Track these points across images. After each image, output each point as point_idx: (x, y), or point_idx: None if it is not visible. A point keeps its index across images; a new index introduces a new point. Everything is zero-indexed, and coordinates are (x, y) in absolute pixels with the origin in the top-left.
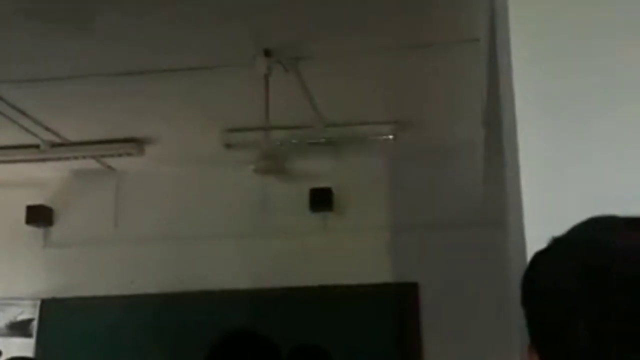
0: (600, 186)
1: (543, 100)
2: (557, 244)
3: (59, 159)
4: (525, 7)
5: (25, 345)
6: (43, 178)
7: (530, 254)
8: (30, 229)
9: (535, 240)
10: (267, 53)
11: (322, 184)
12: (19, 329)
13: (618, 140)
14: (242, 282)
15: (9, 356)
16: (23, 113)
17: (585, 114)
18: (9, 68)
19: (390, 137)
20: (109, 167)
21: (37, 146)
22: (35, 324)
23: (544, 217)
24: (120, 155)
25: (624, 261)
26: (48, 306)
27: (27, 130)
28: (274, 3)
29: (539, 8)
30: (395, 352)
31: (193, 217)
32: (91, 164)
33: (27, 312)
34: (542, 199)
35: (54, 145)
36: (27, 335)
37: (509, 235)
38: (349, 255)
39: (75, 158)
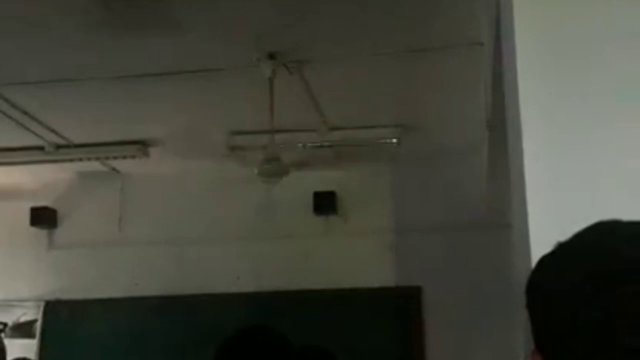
0: (605, 189)
1: (548, 103)
2: (562, 248)
3: (64, 160)
4: (530, 12)
5: (29, 346)
6: (47, 180)
7: (535, 256)
8: (35, 230)
9: (540, 243)
10: (272, 56)
11: (326, 187)
12: (22, 330)
13: (623, 143)
14: (245, 284)
15: (11, 358)
16: (28, 115)
17: (590, 117)
18: (13, 70)
19: (394, 140)
20: (114, 169)
21: (41, 148)
22: (38, 325)
23: (549, 220)
24: (124, 157)
25: (628, 265)
26: (52, 308)
27: (31, 132)
28: (279, 7)
29: (544, 12)
30: (399, 355)
31: (197, 219)
32: (96, 166)
33: (31, 313)
34: (546, 202)
35: (58, 147)
36: (31, 336)
37: (514, 238)
38: (353, 258)
39: (80, 160)
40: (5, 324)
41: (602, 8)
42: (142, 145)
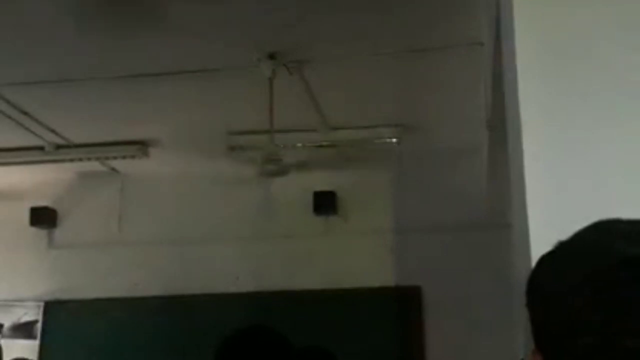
0: (605, 189)
1: (548, 104)
2: (562, 248)
3: (63, 160)
4: (530, 12)
5: (29, 347)
6: (47, 180)
7: (535, 257)
8: (34, 230)
9: (540, 243)
10: (272, 56)
11: (325, 187)
12: (22, 330)
13: (623, 143)
14: (245, 284)
15: (11, 358)
16: (27, 115)
17: (589, 117)
18: (13, 70)
19: (394, 140)
20: (113, 169)
21: (41, 148)
22: (39, 325)
23: (549, 220)
24: (124, 157)
25: (628, 265)
26: (52, 308)
27: (31, 132)
28: (279, 7)
29: (544, 12)
30: (399, 355)
31: (197, 219)
32: (95, 166)
33: (31, 313)
34: (546, 202)
35: (58, 147)
36: (31, 337)
37: (514, 238)
38: (353, 258)
39: (80, 160)
40: (1, 325)
41: (602, 8)
42: (142, 145)
